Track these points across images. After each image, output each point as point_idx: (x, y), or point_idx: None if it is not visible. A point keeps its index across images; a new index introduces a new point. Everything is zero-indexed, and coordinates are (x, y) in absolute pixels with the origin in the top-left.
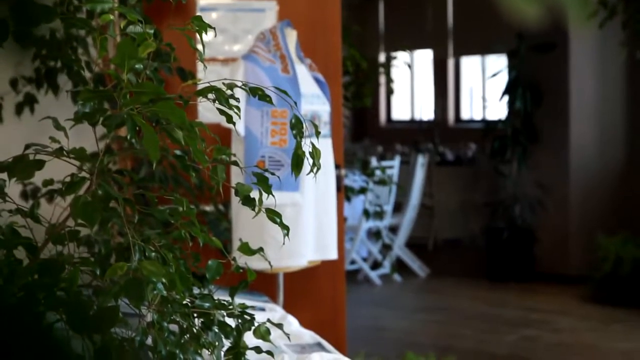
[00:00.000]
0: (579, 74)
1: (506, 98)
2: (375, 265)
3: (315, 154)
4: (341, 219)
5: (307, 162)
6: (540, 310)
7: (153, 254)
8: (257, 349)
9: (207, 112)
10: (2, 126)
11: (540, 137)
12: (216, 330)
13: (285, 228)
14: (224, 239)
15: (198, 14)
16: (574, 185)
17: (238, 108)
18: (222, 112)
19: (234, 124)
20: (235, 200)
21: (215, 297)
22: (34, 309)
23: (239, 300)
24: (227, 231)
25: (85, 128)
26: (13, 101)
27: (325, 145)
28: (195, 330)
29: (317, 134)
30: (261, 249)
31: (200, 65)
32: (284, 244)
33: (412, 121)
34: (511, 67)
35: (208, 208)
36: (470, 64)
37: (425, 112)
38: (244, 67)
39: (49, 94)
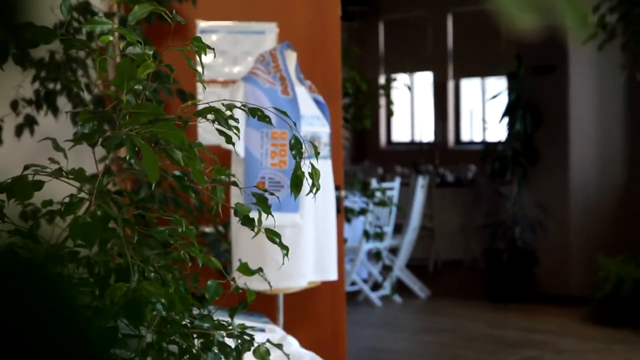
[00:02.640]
0: (578, 95)
1: (506, 120)
2: (376, 287)
3: (314, 174)
4: (341, 240)
5: (307, 183)
6: (542, 331)
7: (152, 274)
8: None
9: (207, 133)
10: (2, 147)
11: (540, 158)
12: (216, 351)
13: (285, 248)
14: (223, 260)
15: (198, 35)
16: (574, 206)
17: (237, 129)
18: (221, 132)
19: (233, 144)
20: (234, 221)
21: (215, 318)
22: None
23: (238, 320)
24: (226, 252)
25: (84, 149)
26: (13, 123)
27: (325, 167)
28: (194, 351)
29: (317, 154)
30: (260, 270)
31: (199, 87)
32: (283, 264)
33: (412, 143)
34: (511, 89)
35: (208, 229)
36: (470, 86)
37: (425, 134)
38: (243, 88)
39: (48, 116)
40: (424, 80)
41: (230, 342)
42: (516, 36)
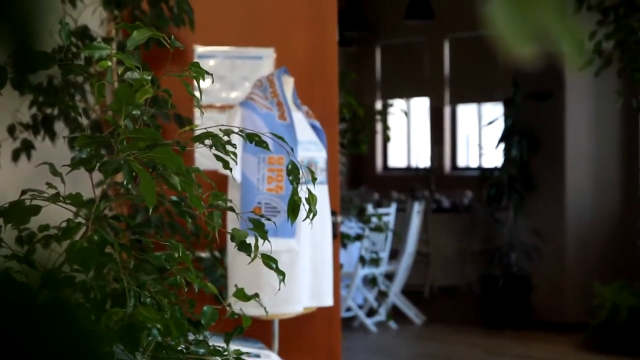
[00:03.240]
0: (574, 122)
1: (502, 146)
2: (371, 313)
3: (311, 200)
4: (337, 266)
5: (304, 208)
6: (537, 358)
7: (148, 299)
8: None
9: (204, 158)
10: None
11: (537, 184)
12: None
13: (281, 274)
14: (219, 286)
15: (196, 61)
16: (570, 232)
17: (235, 154)
18: (218, 158)
19: (230, 170)
20: (231, 247)
21: (210, 344)
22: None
23: (233, 346)
24: (222, 278)
25: (81, 174)
26: (10, 147)
27: (322, 192)
28: None
29: (314, 180)
30: (256, 295)
31: (197, 112)
32: (279, 289)
33: (409, 168)
34: (507, 115)
35: (204, 254)
36: (466, 112)
37: (422, 159)
38: (241, 113)
39: (46, 141)
40: (421, 105)
41: None
42: (514, 64)
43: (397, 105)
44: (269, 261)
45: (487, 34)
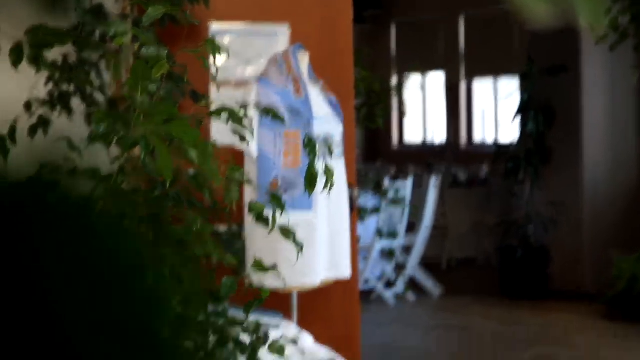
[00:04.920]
0: (590, 95)
1: (518, 120)
2: (389, 285)
3: (328, 172)
4: (354, 239)
5: (321, 181)
6: (555, 328)
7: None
8: None
9: (220, 135)
10: (16, 147)
11: (553, 158)
12: (231, 348)
13: (299, 246)
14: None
15: (211, 37)
16: (586, 204)
17: (251, 128)
18: (235, 132)
19: (247, 143)
20: (248, 220)
21: (230, 315)
22: None
23: (253, 318)
24: (241, 251)
25: (98, 150)
26: (27, 123)
27: (338, 165)
28: (210, 347)
29: (330, 153)
30: (275, 267)
31: (212, 88)
32: (297, 260)
33: (425, 143)
34: (523, 90)
35: (222, 229)
36: (482, 87)
37: (438, 134)
38: (256, 90)
39: (62, 117)
40: (436, 80)
41: (245, 338)
42: (530, 27)
43: (413, 80)
44: (287, 233)
45: (502, 6)
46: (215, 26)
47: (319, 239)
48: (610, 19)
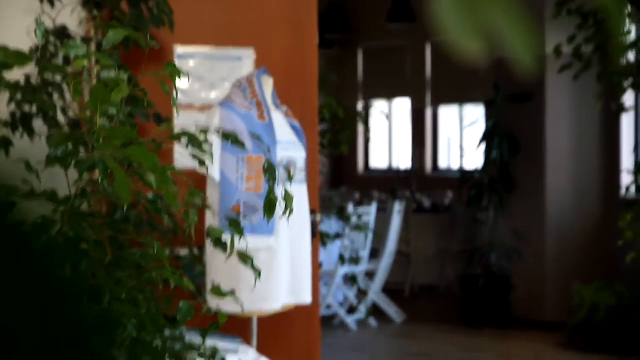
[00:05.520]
0: (555, 124)
1: (483, 147)
2: (351, 311)
3: (287, 198)
4: (316, 264)
5: (280, 207)
6: (516, 356)
7: (124, 296)
8: None
9: (184, 158)
10: None
11: (517, 186)
12: None
13: (257, 271)
14: (198, 283)
15: (175, 61)
16: (549, 233)
17: (211, 152)
18: (194, 156)
19: (206, 168)
20: (209, 244)
21: (187, 339)
22: None
23: (211, 342)
24: (201, 275)
25: (61, 172)
26: None
27: (301, 191)
28: None
29: (290, 178)
30: (232, 292)
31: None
32: (257, 285)
33: (390, 169)
34: (488, 117)
35: (183, 252)
36: (448, 113)
37: (403, 160)
38: (220, 113)
39: (24, 138)
40: (402, 107)
41: None
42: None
43: (379, 106)
44: (245, 258)
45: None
46: (180, 49)
47: (280, 264)
48: (574, 48)
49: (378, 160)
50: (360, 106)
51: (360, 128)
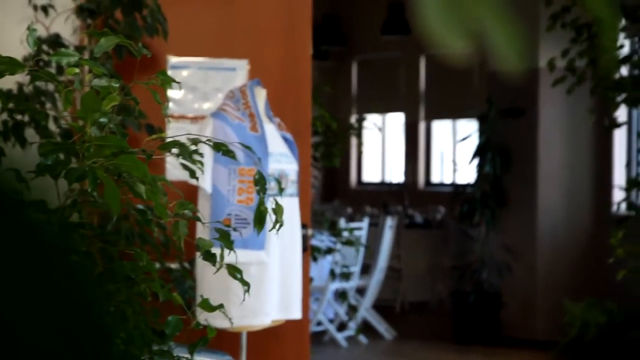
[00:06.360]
0: (547, 139)
1: (476, 162)
2: (342, 327)
3: (278, 210)
4: (307, 279)
5: (271, 220)
6: None
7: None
8: None
9: (175, 169)
10: None
11: (509, 201)
12: None
13: (246, 285)
14: (188, 297)
15: (168, 71)
16: (541, 249)
17: (202, 163)
18: (185, 167)
19: (196, 179)
20: (199, 257)
21: (175, 354)
22: None
23: (200, 358)
24: (191, 289)
25: (52, 181)
26: None
27: (292, 204)
28: None
29: (281, 191)
30: (221, 306)
31: (170, 122)
32: (244, 300)
33: (383, 183)
34: (481, 132)
35: (174, 265)
36: (441, 128)
37: (396, 174)
38: (212, 124)
39: (16, 147)
40: (396, 120)
41: None
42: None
43: (372, 120)
44: (234, 272)
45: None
46: (173, 60)
47: (270, 279)
48: (567, 62)
49: (371, 174)
50: (353, 119)
51: (354, 141)
